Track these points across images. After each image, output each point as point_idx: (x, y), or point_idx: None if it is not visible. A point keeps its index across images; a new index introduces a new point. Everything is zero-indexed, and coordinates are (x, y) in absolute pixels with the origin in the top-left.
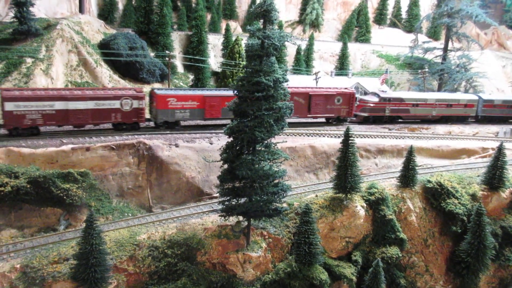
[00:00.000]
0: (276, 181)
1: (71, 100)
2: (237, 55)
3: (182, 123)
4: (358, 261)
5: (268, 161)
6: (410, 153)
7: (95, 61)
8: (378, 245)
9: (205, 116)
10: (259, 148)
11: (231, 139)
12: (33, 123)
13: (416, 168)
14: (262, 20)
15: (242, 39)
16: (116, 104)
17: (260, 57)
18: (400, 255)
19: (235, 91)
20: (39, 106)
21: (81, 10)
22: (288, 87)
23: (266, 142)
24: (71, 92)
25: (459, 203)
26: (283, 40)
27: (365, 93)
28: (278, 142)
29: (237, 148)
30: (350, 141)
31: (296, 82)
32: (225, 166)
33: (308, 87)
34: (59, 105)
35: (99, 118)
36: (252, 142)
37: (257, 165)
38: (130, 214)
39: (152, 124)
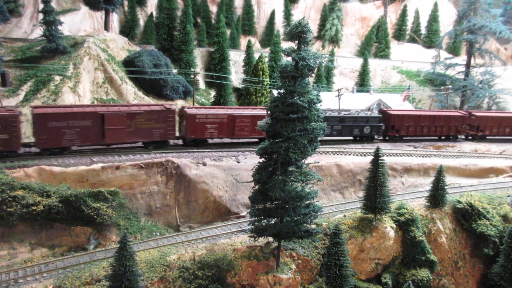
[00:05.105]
0: (308, 202)
1: None
2: (261, 72)
3: None
4: (388, 284)
5: (301, 182)
6: (439, 173)
7: (120, 78)
8: (408, 267)
9: None
10: (291, 169)
11: (262, 159)
12: None
13: (445, 187)
14: (296, 41)
15: (265, 56)
16: None
17: (294, 78)
18: (431, 277)
19: (269, 111)
20: None
21: (106, 27)
22: None
23: (298, 163)
24: None
25: (491, 224)
26: (317, 61)
27: None
28: (310, 163)
29: (270, 169)
30: (380, 161)
31: None
32: (257, 186)
33: None
34: None
35: None
36: (285, 163)
37: (289, 186)
38: (158, 233)
39: None
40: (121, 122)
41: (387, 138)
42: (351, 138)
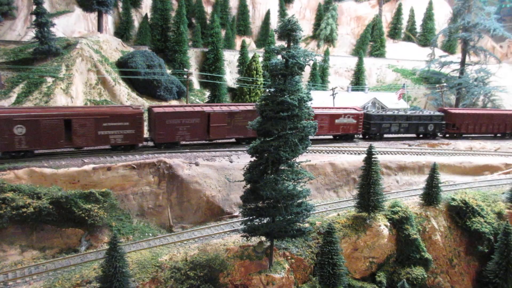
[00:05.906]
0: (300, 201)
1: None
2: (255, 72)
3: None
4: (383, 282)
5: (292, 181)
6: (433, 171)
7: (113, 79)
8: (402, 265)
9: None
10: (282, 168)
11: (253, 158)
12: None
13: (440, 185)
14: (286, 39)
15: (259, 56)
16: None
17: (285, 76)
18: (425, 275)
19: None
20: None
21: (99, 29)
22: None
23: (290, 161)
24: None
25: (485, 221)
26: (307, 59)
27: None
28: (302, 162)
29: (261, 168)
30: (373, 159)
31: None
32: (248, 186)
33: None
34: None
35: None
36: (276, 162)
37: (280, 185)
38: (150, 234)
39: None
40: (223, 120)
41: (447, 135)
42: (414, 135)
